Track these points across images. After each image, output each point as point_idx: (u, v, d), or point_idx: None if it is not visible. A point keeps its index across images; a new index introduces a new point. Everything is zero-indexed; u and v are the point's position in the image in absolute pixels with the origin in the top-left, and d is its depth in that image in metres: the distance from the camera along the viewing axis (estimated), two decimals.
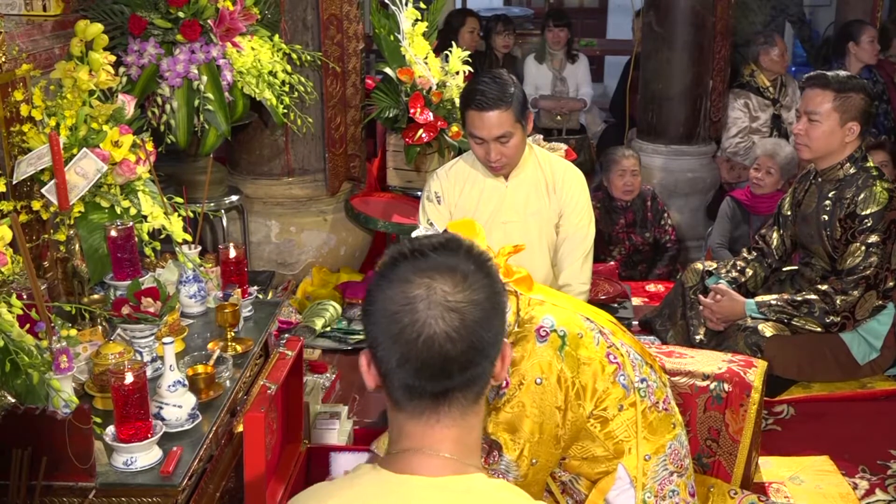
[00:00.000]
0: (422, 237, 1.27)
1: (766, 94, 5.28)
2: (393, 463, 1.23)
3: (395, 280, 1.21)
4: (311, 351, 3.53)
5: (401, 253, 1.23)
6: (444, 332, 1.18)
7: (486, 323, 1.21)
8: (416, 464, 1.22)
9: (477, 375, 1.22)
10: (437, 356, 1.18)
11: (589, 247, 3.07)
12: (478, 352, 1.20)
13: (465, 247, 1.24)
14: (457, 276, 1.20)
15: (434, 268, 1.20)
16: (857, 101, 3.18)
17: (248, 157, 4.23)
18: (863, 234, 3.16)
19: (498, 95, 2.82)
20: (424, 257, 1.21)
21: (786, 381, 3.27)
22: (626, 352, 2.21)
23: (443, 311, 1.18)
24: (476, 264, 1.23)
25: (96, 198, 2.56)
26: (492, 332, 1.22)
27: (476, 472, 1.23)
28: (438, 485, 1.20)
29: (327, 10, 4.00)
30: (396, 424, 1.25)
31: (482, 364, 1.22)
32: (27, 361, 1.95)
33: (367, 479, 1.23)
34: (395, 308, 1.19)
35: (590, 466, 2.19)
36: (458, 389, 1.21)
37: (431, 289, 1.19)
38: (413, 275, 1.20)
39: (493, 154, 2.90)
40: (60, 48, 2.85)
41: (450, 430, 1.22)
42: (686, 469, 2.27)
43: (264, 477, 2.15)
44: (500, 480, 1.27)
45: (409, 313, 1.18)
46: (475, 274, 1.22)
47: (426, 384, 1.20)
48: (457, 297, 1.19)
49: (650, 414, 2.19)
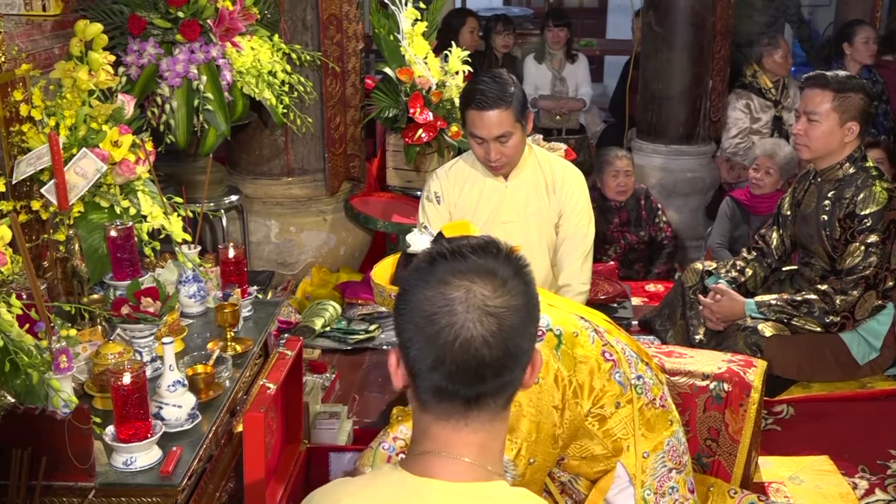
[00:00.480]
0: (460, 238, 1.26)
1: (768, 96, 5.28)
2: (414, 465, 1.22)
3: (434, 281, 1.19)
4: (310, 351, 3.53)
5: (439, 253, 1.22)
6: (481, 337, 1.16)
7: (522, 329, 1.20)
8: (437, 467, 1.21)
9: (509, 381, 1.21)
10: (472, 360, 1.17)
11: (589, 247, 3.07)
12: (512, 357, 1.19)
13: (505, 251, 1.24)
14: (496, 281, 1.19)
15: (474, 270, 1.19)
16: (856, 101, 3.18)
17: (247, 156, 4.24)
18: (862, 233, 3.16)
19: (498, 95, 2.82)
20: (464, 259, 1.20)
21: (786, 380, 3.27)
22: (621, 349, 2.21)
23: (481, 314, 1.17)
24: (515, 270, 1.22)
25: (96, 198, 2.56)
26: (527, 338, 1.21)
27: (498, 480, 1.22)
28: (457, 491, 1.19)
29: (327, 10, 4.00)
30: (421, 425, 1.24)
31: (515, 370, 1.21)
32: (27, 361, 1.95)
33: (387, 479, 1.23)
34: (432, 309, 1.18)
35: (589, 465, 2.19)
36: (489, 395, 1.20)
37: (471, 291, 1.18)
38: (452, 276, 1.19)
39: (492, 154, 2.90)
40: (60, 48, 2.85)
41: (476, 434, 1.21)
42: (685, 465, 2.27)
43: (264, 477, 2.15)
44: (521, 489, 1.25)
45: (447, 315, 1.17)
46: (514, 279, 1.21)
47: (459, 388, 1.19)
48: (496, 301, 1.18)
49: (647, 411, 2.20)
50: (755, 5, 6.40)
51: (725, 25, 5.24)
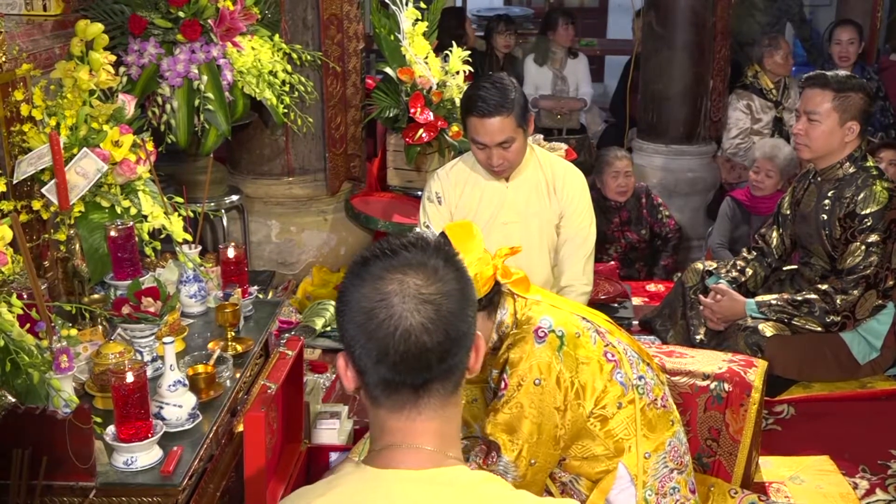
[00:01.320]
0: (391, 237, 1.29)
1: (769, 96, 5.28)
2: (375, 459, 1.24)
3: (368, 278, 1.23)
4: (311, 351, 3.53)
5: (372, 253, 1.26)
6: (419, 324, 1.20)
7: (459, 313, 1.24)
8: (398, 458, 1.23)
9: (454, 365, 1.24)
10: (414, 348, 1.20)
11: (590, 248, 3.07)
12: (454, 341, 1.23)
13: (434, 243, 1.28)
14: (428, 270, 1.23)
15: (405, 264, 1.23)
16: (856, 101, 3.18)
17: (248, 156, 4.24)
18: (863, 233, 3.16)
19: (499, 101, 2.81)
20: (395, 255, 1.24)
21: (786, 380, 3.26)
22: (623, 349, 2.21)
23: (417, 303, 1.20)
24: (445, 259, 1.26)
25: (96, 197, 2.56)
26: (466, 322, 1.25)
27: (458, 464, 1.25)
28: (422, 477, 1.21)
29: (327, 10, 4.00)
30: (377, 422, 1.26)
31: (459, 354, 1.24)
32: (27, 361, 1.95)
33: (351, 477, 1.24)
34: (370, 305, 1.21)
35: (590, 466, 2.19)
36: (437, 380, 1.23)
37: (404, 283, 1.21)
38: (385, 272, 1.23)
39: (495, 159, 2.90)
40: (60, 48, 2.85)
41: (431, 422, 1.24)
42: (686, 466, 2.27)
43: (264, 477, 2.15)
44: (482, 472, 1.28)
45: (384, 308, 1.20)
46: (445, 267, 1.25)
47: (406, 377, 1.22)
48: (430, 289, 1.21)
49: (649, 411, 2.20)
50: (756, 5, 6.40)
51: (725, 25, 5.23)
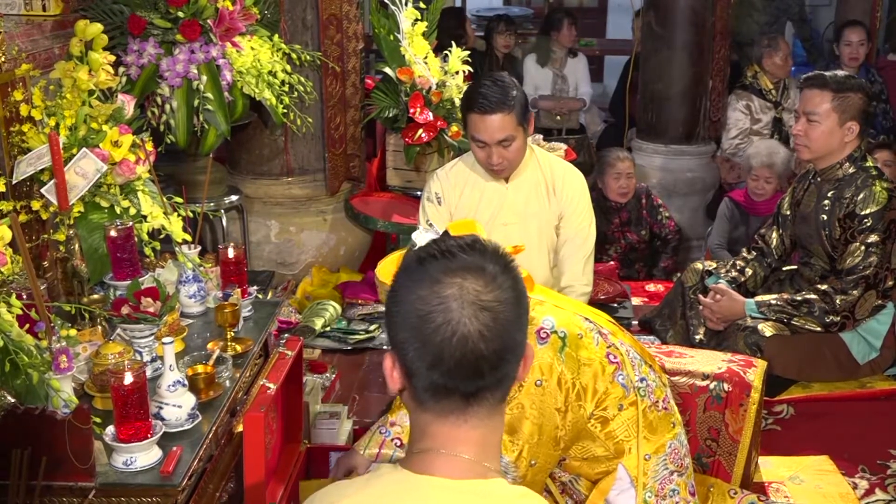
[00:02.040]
0: (446, 238, 1.26)
1: (769, 97, 5.28)
2: (413, 463, 1.23)
3: (426, 280, 1.20)
4: (310, 351, 3.53)
5: (429, 253, 1.23)
6: (477, 332, 1.18)
7: (516, 321, 1.22)
8: (437, 465, 1.21)
9: (506, 375, 1.22)
10: (470, 355, 1.18)
11: (590, 249, 3.07)
12: (508, 350, 1.21)
13: (492, 248, 1.25)
14: (486, 276, 1.20)
15: (464, 267, 1.20)
16: (855, 101, 3.18)
17: (247, 156, 4.24)
18: (862, 233, 3.16)
19: (500, 99, 2.81)
20: (453, 257, 1.21)
21: (786, 380, 3.26)
22: (625, 351, 2.21)
23: (476, 310, 1.18)
24: (502, 265, 1.23)
25: (96, 198, 2.56)
26: (521, 331, 1.23)
27: (496, 477, 1.23)
28: (458, 487, 1.19)
29: (327, 10, 4.00)
30: (419, 424, 1.25)
31: (512, 363, 1.22)
32: (27, 361, 1.95)
33: (387, 478, 1.23)
34: (427, 308, 1.18)
35: (590, 466, 2.19)
36: (488, 389, 1.21)
37: (463, 288, 1.19)
38: (443, 275, 1.20)
39: (494, 158, 2.89)
40: (60, 48, 2.85)
41: (476, 430, 1.22)
42: (686, 468, 2.27)
43: (264, 477, 2.15)
44: (521, 487, 1.26)
45: (442, 312, 1.18)
46: (503, 274, 1.22)
47: (459, 384, 1.20)
48: (488, 296, 1.19)
49: (650, 413, 2.19)
50: (755, 5, 6.41)
51: (725, 25, 5.24)
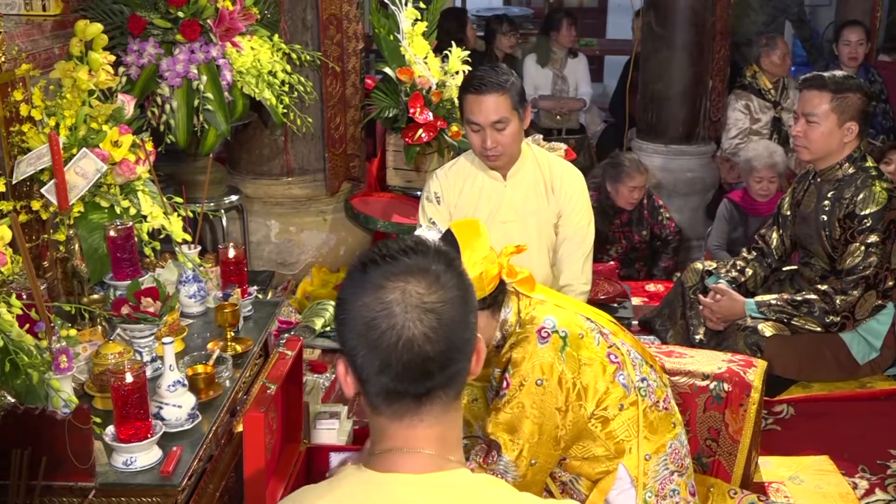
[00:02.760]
0: (389, 242, 1.27)
1: (768, 97, 5.28)
2: (376, 462, 1.24)
3: (369, 286, 1.21)
4: (310, 351, 3.53)
5: (371, 259, 1.23)
6: (422, 334, 1.18)
7: (461, 320, 1.22)
8: (399, 462, 1.22)
9: (456, 373, 1.23)
10: (417, 358, 1.19)
11: (589, 247, 3.07)
12: (456, 349, 1.21)
13: (434, 247, 1.25)
14: (429, 277, 1.21)
15: (406, 271, 1.21)
16: (854, 101, 3.18)
17: (247, 156, 4.24)
18: (862, 233, 3.16)
19: (496, 80, 2.84)
20: (395, 261, 1.22)
21: (786, 380, 3.26)
22: (626, 351, 2.21)
23: (420, 312, 1.19)
24: (445, 264, 1.23)
25: (96, 198, 2.56)
26: (468, 328, 1.23)
27: (459, 468, 1.24)
28: (422, 481, 1.21)
29: (327, 10, 4.00)
30: (377, 427, 1.26)
31: (461, 361, 1.23)
32: (27, 361, 1.95)
33: (352, 479, 1.24)
34: (371, 314, 1.19)
35: (590, 466, 2.19)
36: (439, 388, 1.22)
37: (406, 292, 1.19)
38: (386, 280, 1.20)
39: (489, 141, 2.90)
40: (60, 48, 2.85)
41: (432, 429, 1.23)
42: (686, 468, 2.27)
43: (264, 477, 2.15)
44: (484, 475, 1.28)
45: (386, 318, 1.18)
46: (446, 273, 1.22)
47: (408, 387, 1.20)
48: (432, 297, 1.19)
49: (651, 413, 2.19)
50: (752, 5, 6.41)
51: (725, 25, 5.24)
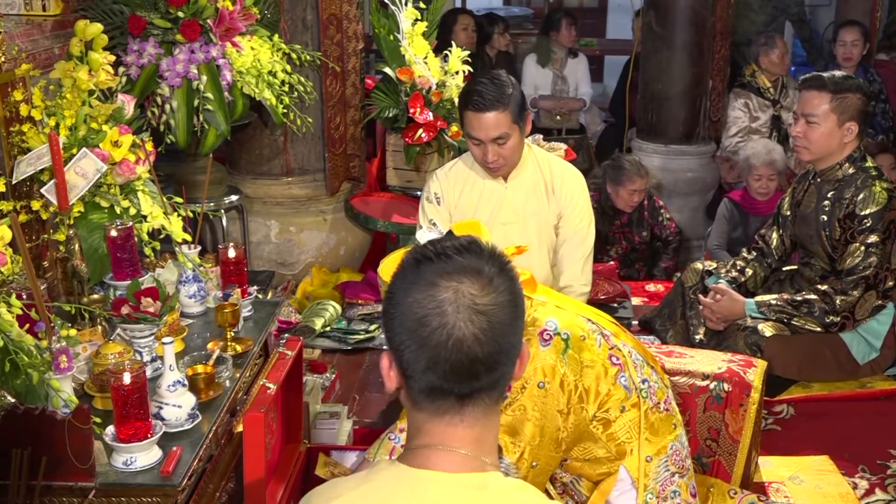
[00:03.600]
0: (443, 239, 1.27)
1: (767, 95, 5.29)
2: (411, 458, 1.24)
3: (422, 283, 1.21)
4: (310, 351, 3.53)
5: (425, 255, 1.23)
6: (472, 335, 1.19)
7: (511, 324, 1.23)
8: (434, 459, 1.23)
9: (501, 376, 1.23)
10: (465, 358, 1.19)
11: (589, 248, 3.07)
12: (503, 353, 1.22)
13: (488, 250, 1.26)
14: (483, 279, 1.21)
15: (460, 270, 1.21)
16: (854, 101, 3.18)
17: (247, 156, 4.23)
18: (862, 234, 3.16)
19: (495, 96, 2.81)
20: (449, 260, 1.22)
21: (786, 380, 3.26)
22: (627, 352, 2.20)
23: (471, 313, 1.19)
24: (499, 267, 1.24)
25: (96, 198, 2.56)
26: (516, 333, 1.24)
27: (493, 471, 1.24)
28: (455, 481, 1.21)
29: (327, 10, 4.00)
30: (415, 423, 1.26)
31: (507, 365, 1.24)
32: (27, 361, 1.95)
33: (385, 473, 1.24)
34: (423, 311, 1.20)
35: (591, 467, 2.19)
36: (483, 390, 1.22)
37: (459, 291, 1.20)
38: (439, 278, 1.21)
39: (490, 155, 2.90)
40: (60, 48, 2.85)
41: (472, 429, 1.23)
42: (687, 470, 2.26)
43: (264, 477, 2.15)
44: (517, 480, 1.28)
45: (437, 316, 1.19)
46: (499, 276, 1.23)
47: (454, 386, 1.21)
48: (484, 299, 1.20)
49: (652, 415, 2.19)
50: (751, 5, 6.42)
51: (725, 25, 5.24)
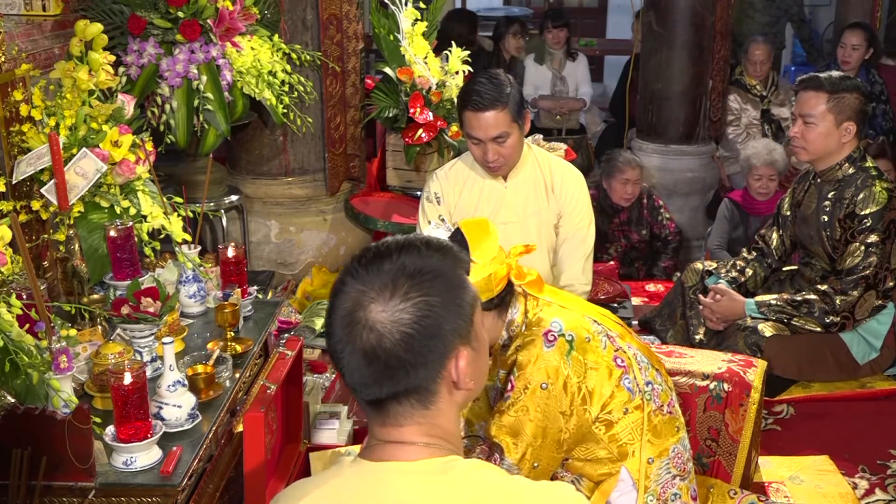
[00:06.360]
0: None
1: (754, 92, 5.38)
2: (370, 453, 1.26)
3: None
4: (310, 351, 3.53)
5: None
6: (360, 349, 1.20)
7: (407, 342, 1.21)
8: (391, 452, 1.24)
9: (407, 388, 1.22)
10: (359, 368, 1.22)
11: (589, 248, 3.07)
12: (395, 369, 1.21)
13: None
14: (386, 293, 1.21)
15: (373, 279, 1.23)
16: (851, 101, 3.18)
17: (247, 156, 4.24)
18: (862, 233, 3.16)
19: (494, 96, 2.82)
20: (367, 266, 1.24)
21: (786, 380, 3.26)
22: (633, 354, 2.19)
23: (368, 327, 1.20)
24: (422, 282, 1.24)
25: (96, 198, 2.56)
26: (412, 352, 1.21)
27: (450, 454, 1.25)
28: (415, 468, 1.22)
29: (327, 10, 4.00)
30: (368, 419, 1.29)
31: (408, 378, 1.21)
32: (27, 361, 1.95)
33: (349, 470, 1.26)
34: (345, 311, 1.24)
35: (593, 468, 2.19)
36: (390, 399, 1.23)
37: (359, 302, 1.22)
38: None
39: (490, 154, 2.90)
40: (60, 48, 2.85)
41: (410, 427, 1.24)
42: (688, 473, 2.26)
43: (264, 477, 2.15)
44: (475, 459, 1.29)
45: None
46: (414, 290, 1.21)
47: (358, 392, 1.24)
48: (381, 316, 1.20)
49: (655, 417, 2.18)
50: (754, 5, 6.42)
51: (725, 25, 5.24)
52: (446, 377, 1.24)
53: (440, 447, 1.25)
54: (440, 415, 1.26)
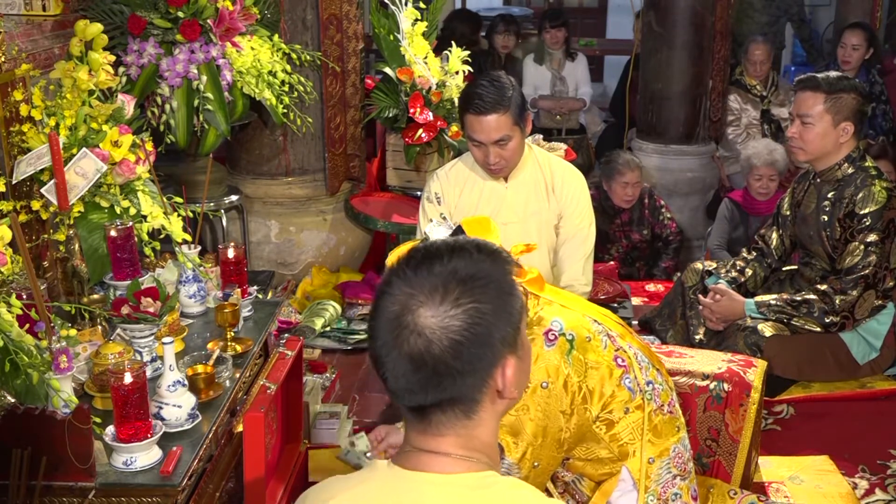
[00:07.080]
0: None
1: (754, 92, 5.38)
2: (405, 460, 1.24)
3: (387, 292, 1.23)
4: (310, 351, 3.53)
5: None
6: (407, 354, 1.18)
7: (457, 348, 1.19)
8: (426, 461, 1.23)
9: (453, 397, 1.21)
10: (405, 374, 1.19)
11: (590, 248, 3.07)
12: (443, 377, 1.19)
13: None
14: (436, 298, 1.18)
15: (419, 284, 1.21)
16: (848, 101, 3.18)
17: (247, 156, 4.23)
18: (861, 233, 3.16)
19: (496, 99, 2.81)
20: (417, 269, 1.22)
21: (786, 380, 3.27)
22: (633, 354, 2.19)
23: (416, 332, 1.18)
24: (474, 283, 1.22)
25: (96, 198, 2.56)
26: (461, 359, 1.19)
27: (487, 470, 1.23)
28: (449, 481, 1.21)
29: (327, 10, 4.00)
30: (406, 425, 1.27)
31: (455, 385, 1.20)
32: (27, 361, 1.95)
33: (381, 474, 1.25)
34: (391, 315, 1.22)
35: (593, 467, 2.19)
36: (434, 407, 1.21)
37: (408, 307, 1.19)
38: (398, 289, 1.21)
39: (491, 157, 2.90)
40: (60, 48, 2.85)
41: (447, 437, 1.23)
42: (689, 472, 2.26)
43: (264, 477, 2.15)
44: (513, 478, 1.27)
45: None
46: (465, 296, 1.20)
47: (403, 399, 1.22)
48: (432, 321, 1.17)
49: (655, 417, 2.18)
50: (754, 5, 6.42)
51: (725, 25, 5.25)
52: (491, 386, 1.22)
53: (477, 461, 1.23)
54: (481, 425, 1.24)
